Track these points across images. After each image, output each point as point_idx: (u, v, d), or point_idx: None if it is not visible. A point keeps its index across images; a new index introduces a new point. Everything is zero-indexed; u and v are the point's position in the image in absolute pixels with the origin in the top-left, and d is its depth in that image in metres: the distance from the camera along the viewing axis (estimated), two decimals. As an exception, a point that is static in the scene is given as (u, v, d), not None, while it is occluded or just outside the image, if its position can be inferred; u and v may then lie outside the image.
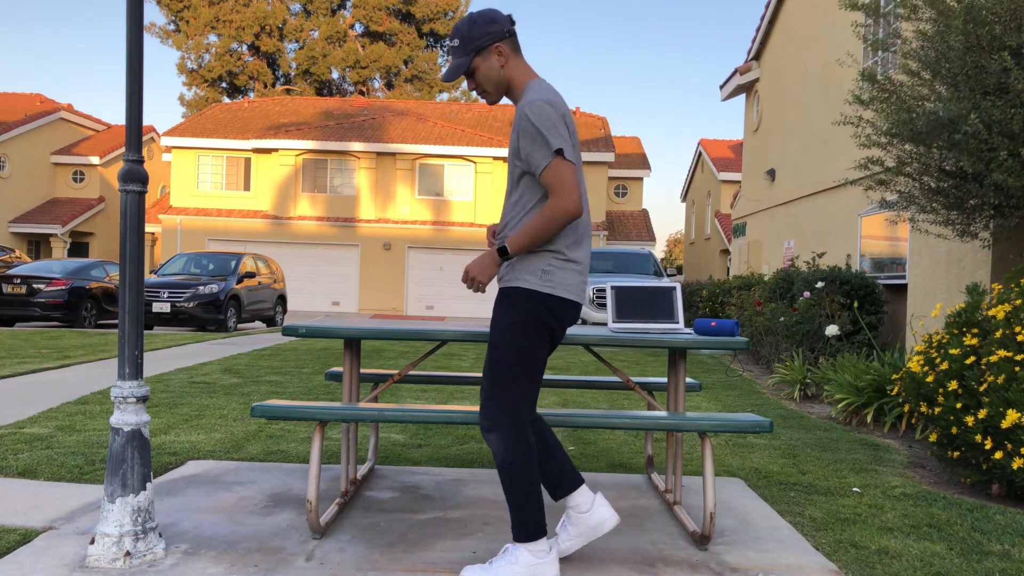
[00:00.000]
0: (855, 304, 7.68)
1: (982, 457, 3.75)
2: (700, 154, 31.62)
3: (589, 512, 2.67)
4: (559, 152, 2.39)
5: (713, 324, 3.09)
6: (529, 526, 2.49)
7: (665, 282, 3.34)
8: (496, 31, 2.50)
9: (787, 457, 4.52)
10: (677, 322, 3.21)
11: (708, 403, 6.37)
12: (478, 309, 25.93)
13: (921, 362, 4.41)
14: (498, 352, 2.49)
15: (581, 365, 9.04)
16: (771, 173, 13.79)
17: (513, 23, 2.55)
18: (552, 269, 2.48)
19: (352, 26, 41.19)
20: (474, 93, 2.66)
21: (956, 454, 3.97)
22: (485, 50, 2.51)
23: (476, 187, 26.34)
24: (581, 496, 2.68)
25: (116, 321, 15.11)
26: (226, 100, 39.80)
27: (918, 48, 5.16)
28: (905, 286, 8.53)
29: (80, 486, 3.48)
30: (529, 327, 2.48)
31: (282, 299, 16.78)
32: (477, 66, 2.52)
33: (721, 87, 16.72)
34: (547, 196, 2.44)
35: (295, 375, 7.44)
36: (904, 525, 3.26)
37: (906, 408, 4.80)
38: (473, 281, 2.48)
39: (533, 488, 2.49)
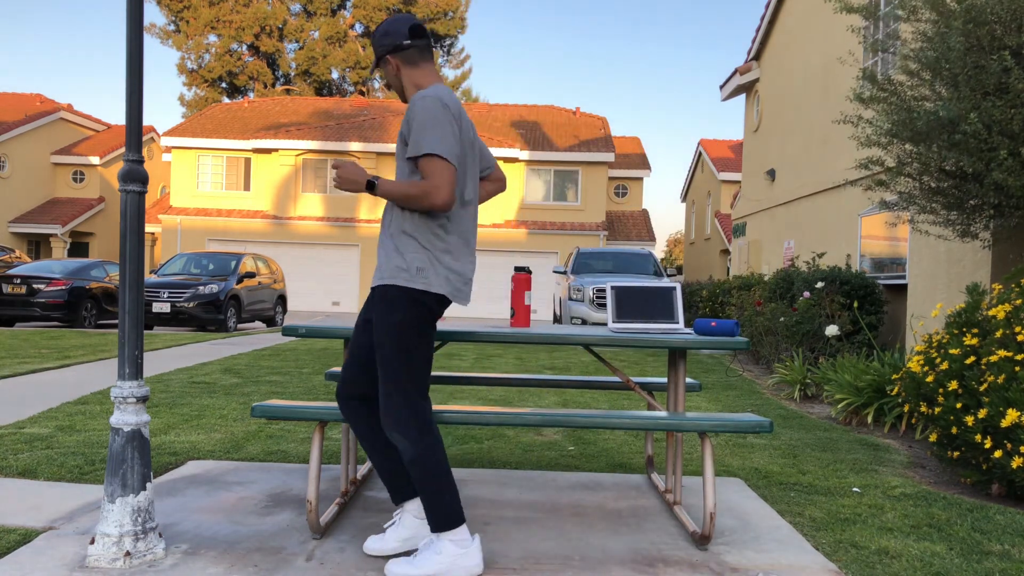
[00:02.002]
0: (855, 304, 7.67)
1: (982, 457, 3.75)
2: (700, 154, 31.61)
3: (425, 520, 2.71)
4: (437, 153, 2.50)
5: (713, 324, 3.09)
6: (448, 515, 2.55)
7: (665, 282, 3.34)
8: (388, 44, 2.69)
9: (787, 457, 4.52)
10: (677, 322, 3.21)
11: (708, 403, 6.37)
12: (478, 309, 25.93)
13: (921, 362, 4.41)
14: (385, 352, 2.57)
15: (581, 365, 9.04)
16: (771, 173, 13.79)
17: (415, 36, 2.69)
18: (427, 267, 2.59)
19: (352, 26, 41.18)
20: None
21: (956, 454, 3.97)
22: (382, 59, 2.73)
23: (476, 187, 26.30)
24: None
25: (116, 321, 15.11)
26: (226, 100, 39.80)
27: (918, 49, 5.16)
28: (905, 286, 8.54)
29: (80, 486, 3.48)
30: (410, 324, 2.57)
31: (282, 299, 16.78)
32: (385, 68, 2.74)
33: (721, 87, 16.72)
34: None
35: (295, 375, 7.44)
36: (904, 525, 3.26)
37: (906, 408, 4.80)
38: (337, 178, 2.60)
39: (447, 477, 2.56)
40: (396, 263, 2.59)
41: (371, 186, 2.56)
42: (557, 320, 14.86)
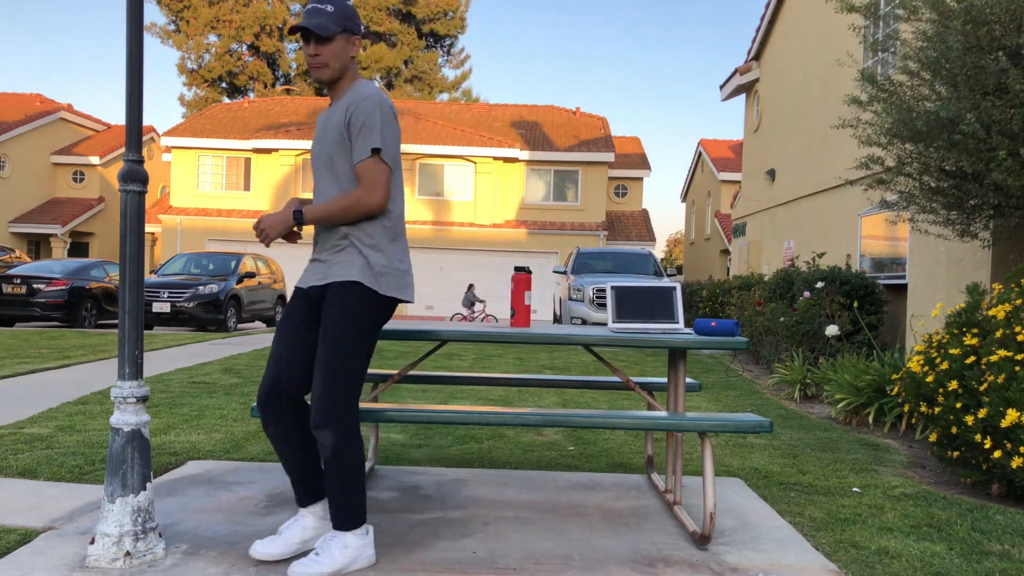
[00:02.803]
0: (855, 304, 7.67)
1: (982, 457, 3.75)
2: (700, 154, 31.62)
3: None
4: (379, 152, 2.56)
5: (713, 324, 3.09)
6: (356, 514, 2.61)
7: (665, 282, 3.34)
8: (357, 24, 2.67)
9: (787, 457, 4.52)
10: (677, 322, 3.21)
11: (708, 403, 6.37)
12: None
13: (921, 362, 4.41)
14: (338, 351, 2.58)
15: (581, 365, 9.04)
16: (771, 173, 13.79)
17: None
18: (385, 272, 2.63)
19: (352, 26, 41.15)
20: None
21: (956, 454, 3.97)
22: (351, 34, 2.65)
23: (476, 187, 26.34)
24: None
25: (116, 321, 15.10)
26: (226, 100, 39.80)
27: (918, 49, 5.16)
28: (905, 286, 8.54)
29: (80, 486, 3.48)
30: (364, 328, 2.62)
31: (282, 299, 16.78)
32: (336, 40, 2.62)
33: (721, 87, 16.72)
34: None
35: (295, 375, 7.42)
36: (904, 525, 3.26)
37: (906, 408, 4.80)
38: (263, 232, 2.61)
39: (362, 478, 2.62)
40: (360, 263, 2.62)
41: (298, 215, 2.57)
42: (557, 320, 14.86)
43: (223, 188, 27.01)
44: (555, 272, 15.10)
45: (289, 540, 2.68)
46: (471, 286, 20.23)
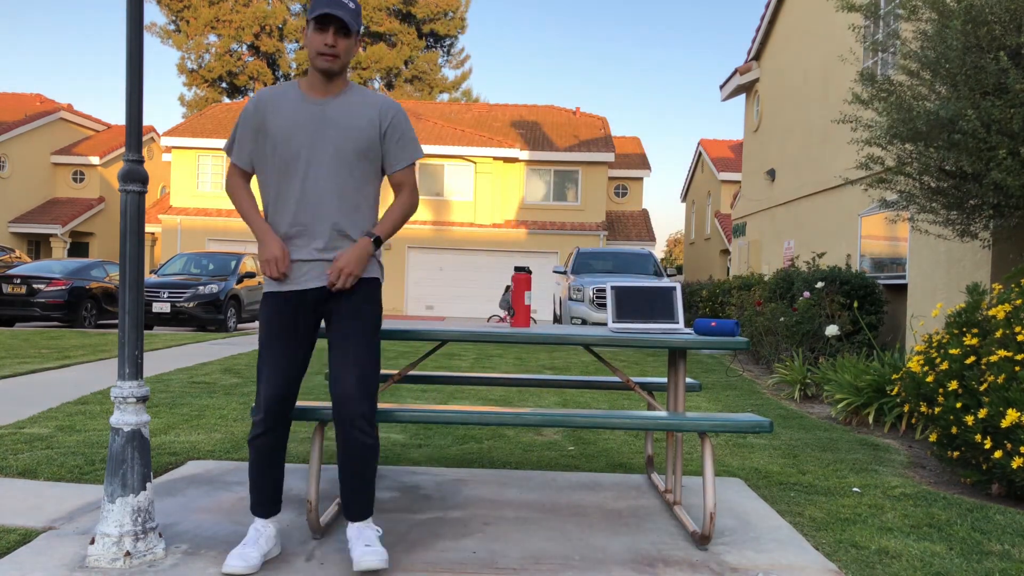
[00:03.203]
0: (855, 304, 7.67)
1: (982, 457, 3.75)
2: (700, 154, 31.61)
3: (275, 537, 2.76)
4: (416, 160, 2.82)
5: (713, 324, 3.09)
6: (373, 502, 2.72)
7: (665, 282, 3.34)
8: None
9: (787, 457, 4.52)
10: (677, 322, 3.21)
11: (708, 403, 6.37)
12: (478, 309, 25.93)
13: (921, 362, 4.41)
14: (374, 345, 2.65)
15: (581, 365, 9.04)
16: (771, 173, 13.79)
17: None
18: (382, 267, 2.82)
19: (352, 26, 41.12)
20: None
21: (956, 454, 3.97)
22: (358, 35, 2.75)
23: (476, 187, 26.34)
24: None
25: (116, 321, 15.10)
26: (226, 100, 39.80)
27: (918, 49, 5.17)
28: (905, 286, 8.54)
29: (80, 486, 3.48)
30: (381, 319, 2.79)
31: (282, 299, 16.76)
32: (352, 37, 2.69)
33: (721, 87, 16.72)
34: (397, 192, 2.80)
35: (295, 375, 7.42)
36: (904, 525, 3.26)
37: (906, 408, 4.81)
38: (349, 276, 2.62)
39: None
40: (375, 263, 2.75)
41: (378, 242, 2.70)
42: (557, 320, 14.85)
43: (223, 188, 27.01)
44: (555, 272, 15.09)
45: (255, 555, 2.58)
46: (509, 288, 20.10)
